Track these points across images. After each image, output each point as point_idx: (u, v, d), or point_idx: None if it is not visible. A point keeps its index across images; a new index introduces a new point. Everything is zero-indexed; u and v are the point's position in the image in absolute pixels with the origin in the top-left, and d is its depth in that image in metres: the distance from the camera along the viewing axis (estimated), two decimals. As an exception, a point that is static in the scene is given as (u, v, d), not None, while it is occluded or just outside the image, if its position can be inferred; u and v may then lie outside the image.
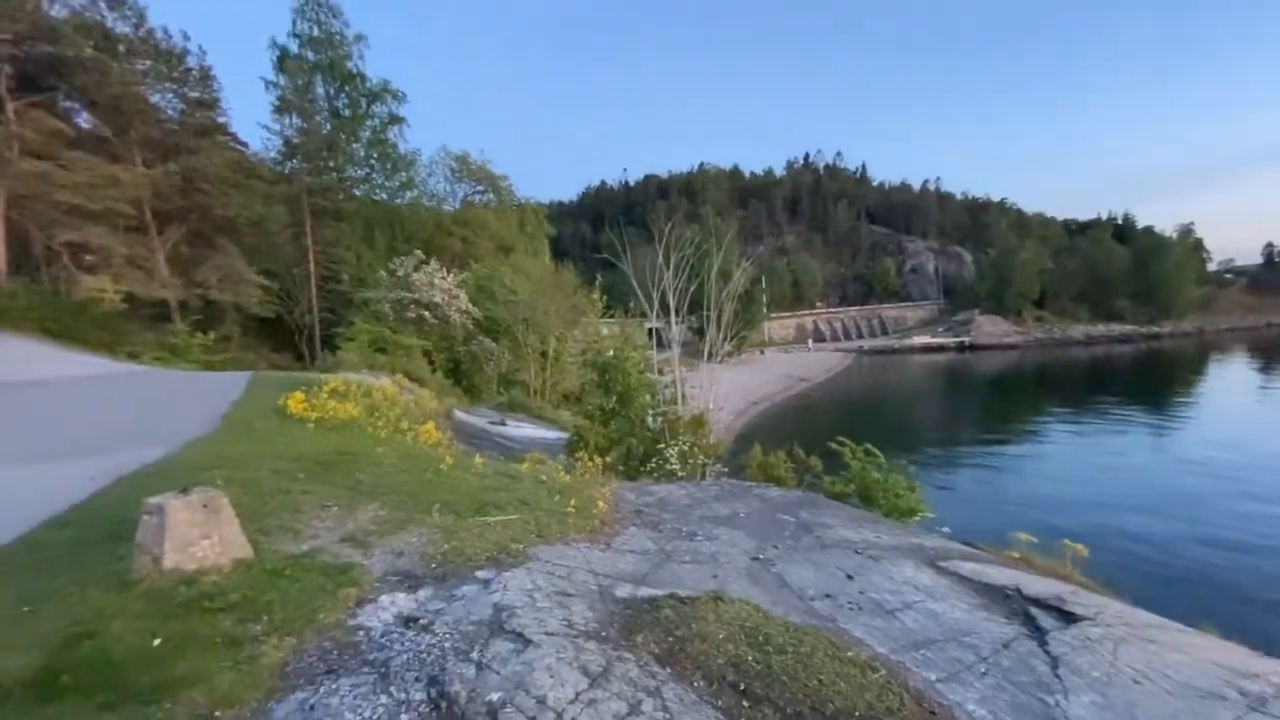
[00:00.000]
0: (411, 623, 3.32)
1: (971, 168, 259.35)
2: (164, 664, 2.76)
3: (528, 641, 3.13)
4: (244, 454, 6.77)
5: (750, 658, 3.19)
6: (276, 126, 33.10)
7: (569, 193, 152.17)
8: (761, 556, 5.27)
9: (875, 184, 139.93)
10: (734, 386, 31.66)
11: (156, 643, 2.91)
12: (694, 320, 19.74)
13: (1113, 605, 4.64)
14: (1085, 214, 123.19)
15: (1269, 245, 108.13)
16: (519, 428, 18.35)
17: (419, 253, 27.78)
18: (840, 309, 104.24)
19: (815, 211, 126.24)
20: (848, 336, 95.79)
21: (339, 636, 3.17)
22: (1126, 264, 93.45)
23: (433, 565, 4.26)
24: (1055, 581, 5.25)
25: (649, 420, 12.44)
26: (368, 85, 35.32)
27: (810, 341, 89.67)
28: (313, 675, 2.80)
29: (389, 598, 3.68)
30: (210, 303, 26.57)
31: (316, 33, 33.81)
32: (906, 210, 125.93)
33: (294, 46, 33.75)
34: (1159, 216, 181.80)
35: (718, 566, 4.95)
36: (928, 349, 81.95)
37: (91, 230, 22.41)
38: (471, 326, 26.96)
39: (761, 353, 70.27)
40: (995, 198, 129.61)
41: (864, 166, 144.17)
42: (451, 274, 27.12)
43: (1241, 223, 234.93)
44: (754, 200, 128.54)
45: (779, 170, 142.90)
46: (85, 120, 26.15)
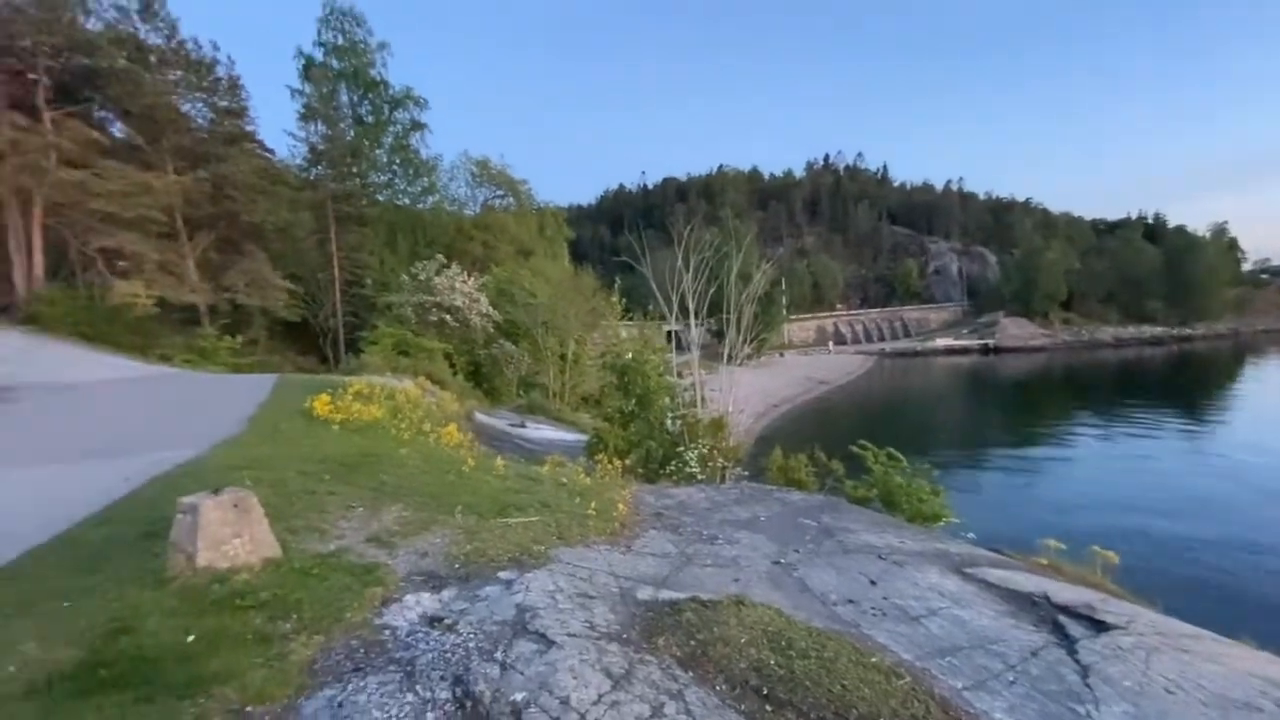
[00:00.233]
0: (436, 622, 3.36)
1: (995, 167, 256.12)
2: (198, 660, 2.82)
3: (550, 642, 3.15)
4: (271, 455, 6.91)
5: (773, 662, 3.17)
6: (302, 134, 33.81)
7: (588, 196, 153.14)
8: (783, 561, 5.24)
9: (896, 184, 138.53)
10: (753, 389, 31.49)
11: (190, 639, 2.98)
12: (713, 323, 19.70)
13: (1145, 614, 4.53)
14: (1114, 214, 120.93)
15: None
16: (538, 430, 18.45)
17: (440, 257, 28.12)
18: (861, 311, 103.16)
19: (835, 212, 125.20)
20: (869, 339, 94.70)
21: (366, 635, 3.22)
22: (1157, 264, 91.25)
23: (456, 566, 4.30)
24: (1084, 589, 5.15)
25: (668, 423, 12.43)
26: (390, 92, 35.87)
27: (830, 344, 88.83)
28: (340, 673, 2.85)
29: (414, 597, 3.73)
30: (238, 307, 27.15)
31: (341, 41, 34.42)
32: (929, 211, 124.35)
33: (319, 55, 34.42)
34: (1191, 216, 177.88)
35: (739, 570, 4.93)
36: (951, 351, 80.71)
37: (125, 237, 23.03)
38: (492, 330, 27.20)
39: (781, 355, 69.75)
40: (1019, 198, 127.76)
41: (885, 167, 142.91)
42: (472, 278, 27.40)
43: (1278, 222, 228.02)
44: (773, 202, 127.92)
45: (798, 172, 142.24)
46: (119, 130, 26.87)
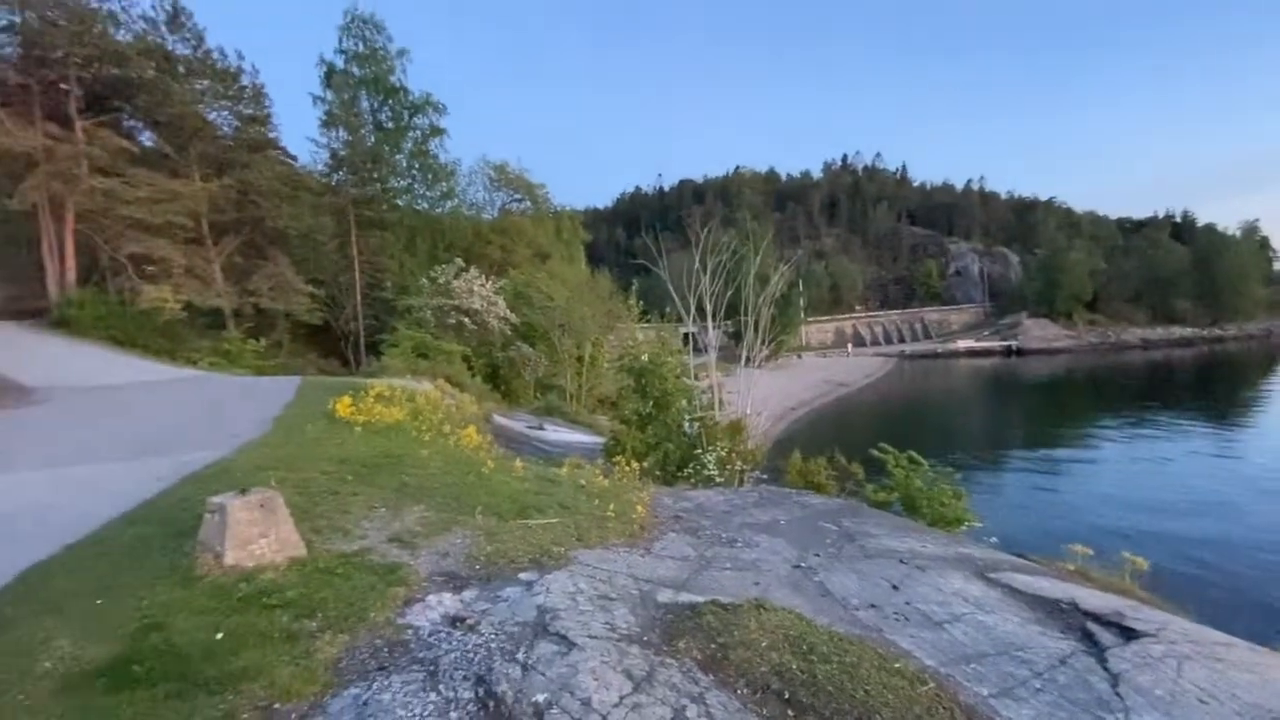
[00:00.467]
0: (458, 622, 3.39)
1: (1017, 166, 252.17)
2: (226, 656, 2.88)
3: (571, 644, 3.16)
4: (296, 456, 7.02)
5: (794, 666, 3.15)
6: (324, 140, 34.27)
7: (604, 199, 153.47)
8: (803, 564, 5.20)
9: (916, 184, 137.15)
10: (771, 392, 31.29)
11: (219, 636, 3.05)
12: (730, 325, 19.65)
13: (1176, 621, 4.43)
14: (1140, 212, 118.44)
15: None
16: (556, 432, 18.52)
17: (459, 260, 28.36)
18: (880, 313, 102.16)
19: (854, 213, 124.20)
20: (888, 341, 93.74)
21: (389, 634, 3.26)
22: (1186, 264, 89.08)
23: (477, 566, 4.34)
24: (1113, 596, 5.04)
25: (685, 425, 12.42)
26: (410, 98, 36.29)
27: (849, 346, 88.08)
28: (365, 671, 2.89)
29: (436, 597, 3.76)
30: (262, 310, 27.64)
31: (361, 49, 34.91)
32: (949, 211, 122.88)
33: (340, 62, 34.96)
34: (1220, 214, 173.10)
35: (758, 574, 4.90)
36: (972, 353, 79.52)
37: (153, 243, 23.56)
38: (509, 332, 27.40)
39: (799, 357, 69.27)
40: (1042, 197, 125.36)
41: (904, 167, 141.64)
42: (490, 281, 27.63)
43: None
44: (791, 203, 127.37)
45: (816, 172, 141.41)
46: (148, 138, 27.54)
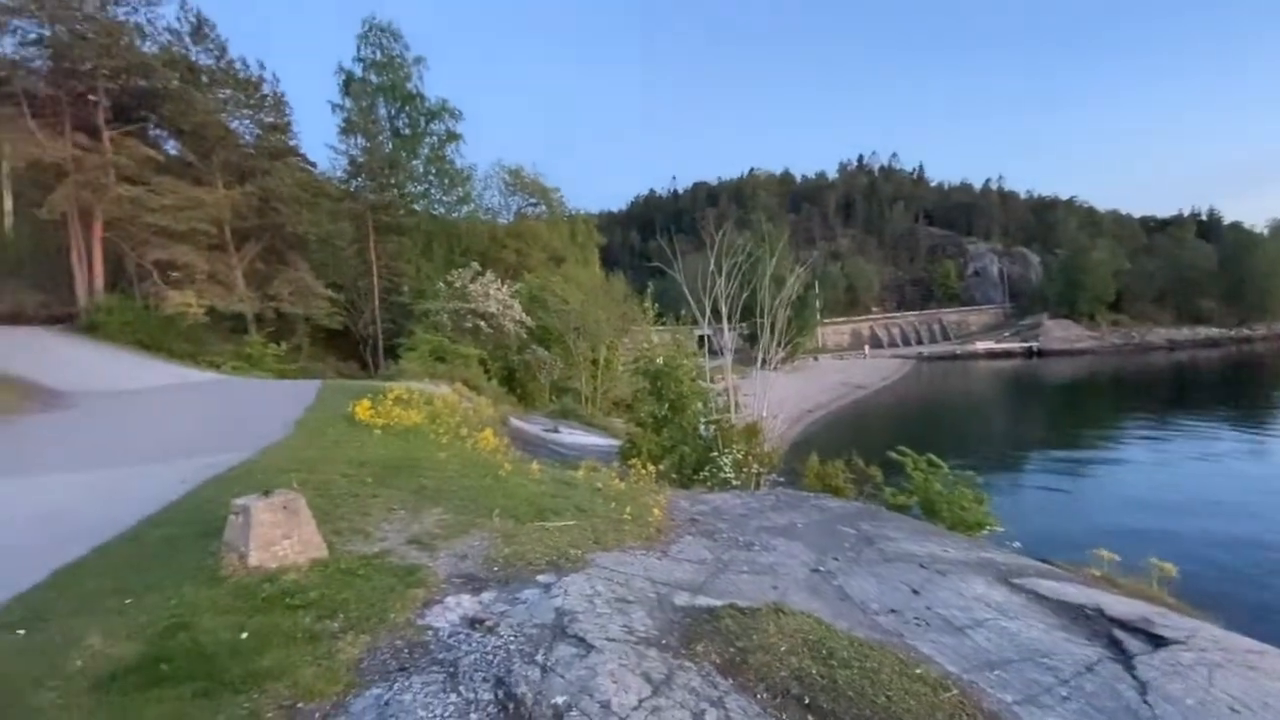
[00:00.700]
0: (477, 624, 3.41)
1: (1036, 165, 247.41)
2: (251, 656, 2.92)
3: (590, 646, 3.16)
4: (316, 458, 7.11)
5: (814, 671, 3.12)
6: (342, 147, 34.86)
7: (618, 202, 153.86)
8: (821, 568, 5.16)
9: (933, 184, 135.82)
10: (787, 394, 31.12)
11: (244, 636, 3.09)
12: (745, 327, 19.59)
13: (1206, 628, 4.33)
14: (1164, 210, 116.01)
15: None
16: (571, 435, 18.58)
17: (475, 265, 28.64)
18: (898, 314, 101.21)
19: (870, 214, 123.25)
20: (906, 342, 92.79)
21: (409, 636, 3.28)
22: (1213, 263, 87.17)
23: (495, 568, 4.36)
24: (1140, 602, 4.94)
25: (701, 428, 12.38)
26: (426, 105, 36.76)
27: (866, 347, 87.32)
28: (386, 672, 2.91)
29: (455, 599, 3.79)
30: (282, 315, 28.10)
31: (379, 56, 35.44)
32: (967, 211, 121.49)
33: (358, 70, 35.49)
34: (1248, 212, 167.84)
35: (776, 578, 4.87)
36: (992, 355, 78.45)
37: (178, 249, 24.10)
38: (525, 335, 27.58)
39: (815, 359, 68.79)
40: (1063, 196, 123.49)
41: (921, 166, 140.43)
42: (506, 285, 27.84)
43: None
44: (806, 204, 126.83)
45: (831, 173, 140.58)
46: (173, 147, 28.21)
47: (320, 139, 58.28)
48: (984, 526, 9.13)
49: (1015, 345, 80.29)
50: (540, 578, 4.21)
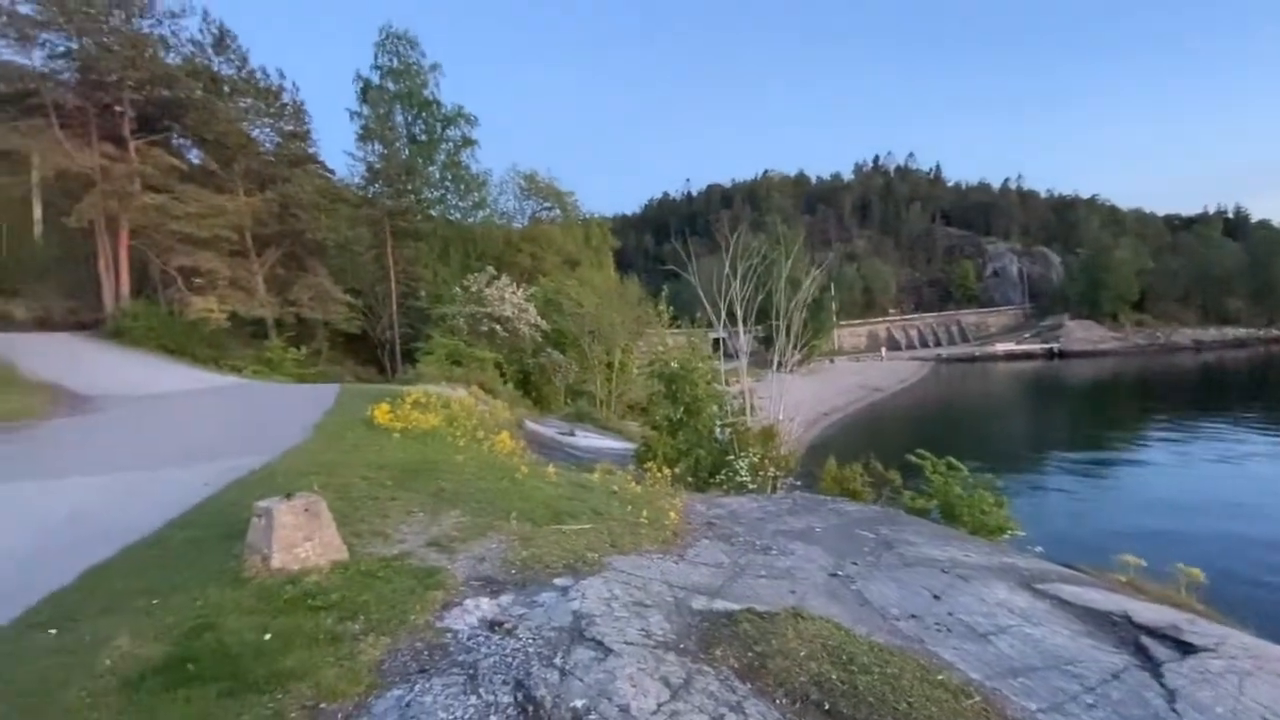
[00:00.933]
0: (496, 627, 3.43)
1: (1056, 163, 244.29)
2: (275, 657, 2.96)
3: (608, 650, 3.16)
4: (336, 461, 7.20)
5: (834, 676, 3.10)
6: (360, 153, 35.20)
7: (632, 205, 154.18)
8: (840, 573, 5.12)
9: (951, 184, 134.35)
10: (804, 397, 30.94)
11: (267, 637, 3.13)
12: (760, 329, 19.51)
13: (1235, 635, 4.22)
14: (1189, 209, 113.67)
15: None
16: (587, 438, 18.62)
17: (490, 269, 28.80)
18: (915, 315, 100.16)
19: (886, 215, 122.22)
20: (924, 344, 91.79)
21: (429, 638, 3.31)
22: (1240, 261, 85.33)
23: (513, 571, 4.38)
24: (1168, 608, 4.84)
25: (717, 431, 12.35)
26: (442, 111, 37.10)
27: (883, 350, 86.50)
28: (407, 673, 2.94)
29: (473, 602, 3.81)
30: (302, 320, 28.47)
31: (396, 64, 35.86)
32: (986, 211, 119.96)
33: (375, 78, 35.94)
34: (1276, 210, 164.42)
35: (794, 582, 4.84)
36: (1012, 356, 77.33)
37: (201, 255, 24.50)
38: (540, 339, 27.68)
39: (831, 362, 68.30)
40: (1084, 194, 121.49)
41: (938, 166, 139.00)
42: (521, 289, 27.97)
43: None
44: (821, 205, 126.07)
45: (847, 174, 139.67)
46: (196, 155, 28.72)
47: (339, 146, 59.21)
48: (1005, 530, 9.00)
49: (1036, 347, 79.12)
50: (557, 581, 4.22)
